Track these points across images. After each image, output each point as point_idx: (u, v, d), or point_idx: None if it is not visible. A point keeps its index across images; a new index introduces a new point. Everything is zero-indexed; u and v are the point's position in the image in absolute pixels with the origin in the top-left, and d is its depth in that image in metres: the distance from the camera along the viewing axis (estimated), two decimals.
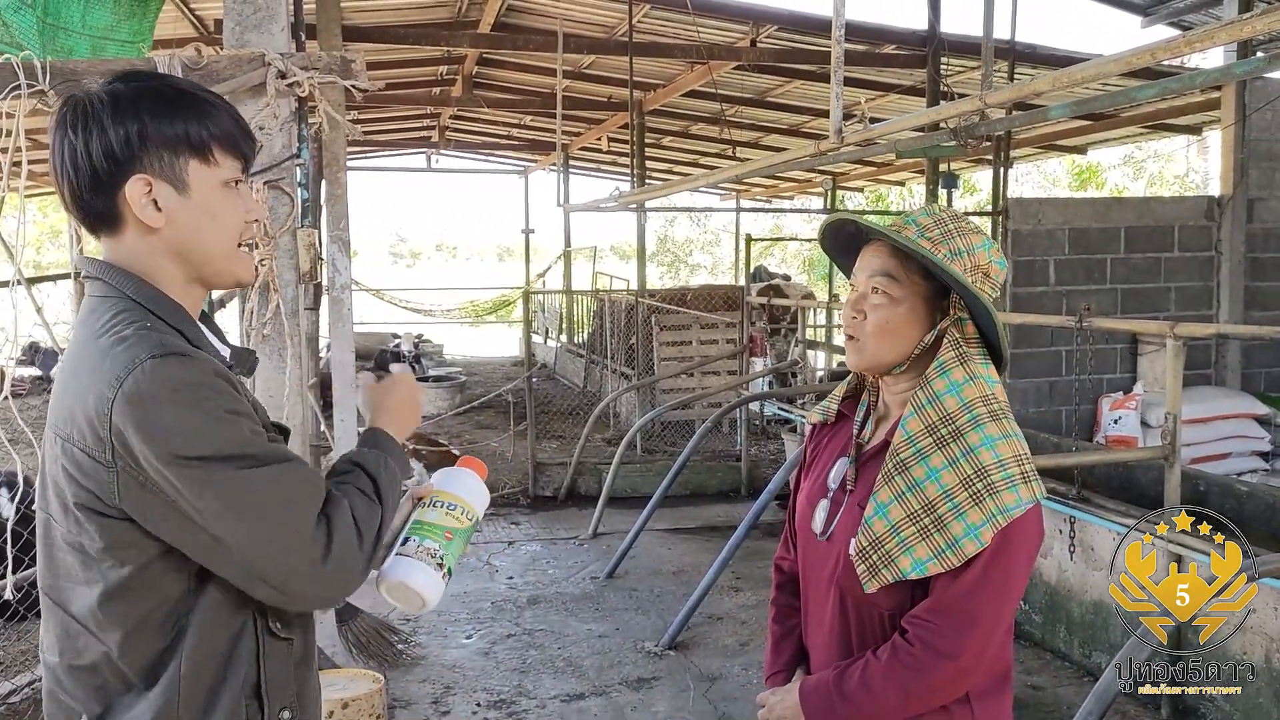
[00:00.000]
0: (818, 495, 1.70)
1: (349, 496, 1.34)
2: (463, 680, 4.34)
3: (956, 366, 1.54)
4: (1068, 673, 4.35)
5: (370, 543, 1.33)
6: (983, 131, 4.36)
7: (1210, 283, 7.58)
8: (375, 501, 1.36)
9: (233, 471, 1.23)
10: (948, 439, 1.51)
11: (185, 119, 1.33)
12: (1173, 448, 3.89)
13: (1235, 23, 2.27)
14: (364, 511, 1.33)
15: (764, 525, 6.06)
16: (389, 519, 1.40)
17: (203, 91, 1.39)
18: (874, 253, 1.61)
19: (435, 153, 17.27)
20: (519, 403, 8.75)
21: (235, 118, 1.39)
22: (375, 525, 1.35)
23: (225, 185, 1.37)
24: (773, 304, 8.81)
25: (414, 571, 1.44)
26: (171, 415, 1.22)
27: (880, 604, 1.57)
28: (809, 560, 1.71)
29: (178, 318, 1.34)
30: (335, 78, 3.01)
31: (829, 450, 1.74)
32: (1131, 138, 12.98)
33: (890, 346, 1.59)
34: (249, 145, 1.40)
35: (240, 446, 1.25)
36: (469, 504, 1.53)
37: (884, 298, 1.58)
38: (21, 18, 2.90)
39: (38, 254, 22.91)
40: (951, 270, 1.53)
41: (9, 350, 6.77)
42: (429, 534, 1.47)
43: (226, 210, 1.37)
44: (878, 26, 8.58)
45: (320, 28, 5.49)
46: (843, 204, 17.49)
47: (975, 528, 1.48)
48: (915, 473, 1.52)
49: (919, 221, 1.59)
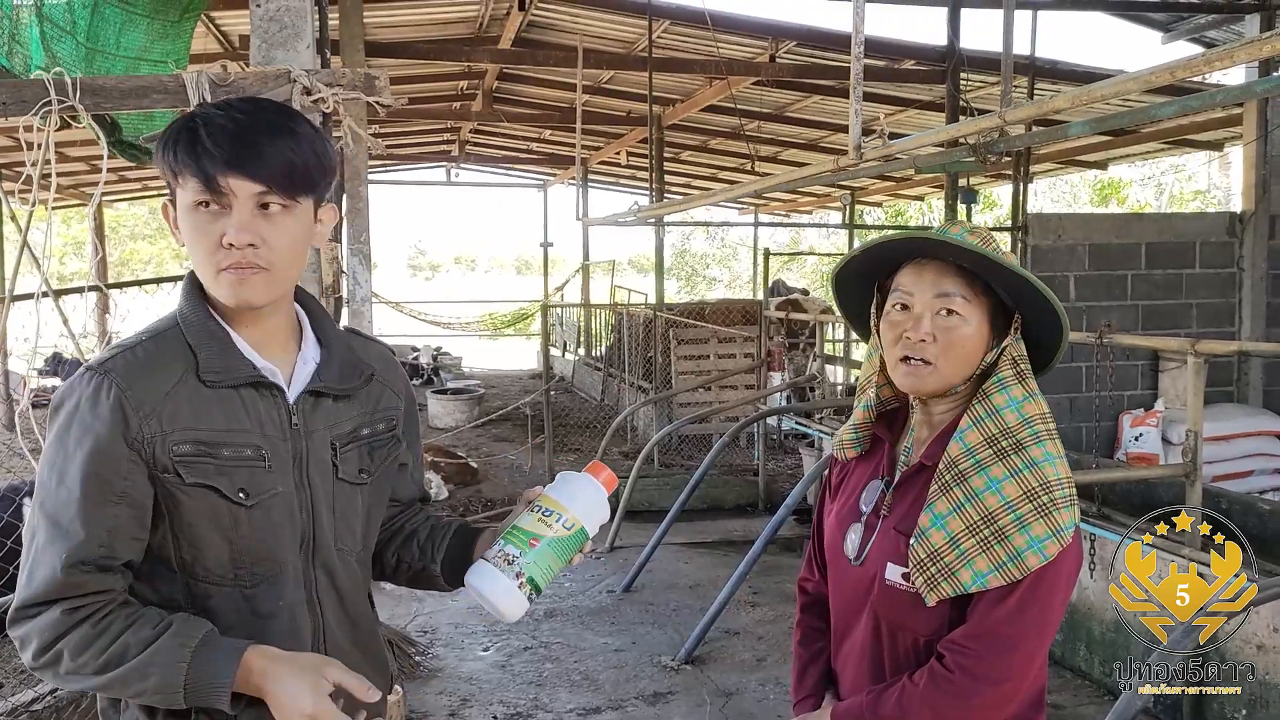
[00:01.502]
0: (849, 519, 1.66)
1: (103, 620, 1.30)
2: (479, 693, 4.34)
3: (1015, 383, 1.52)
4: (1088, 691, 4.31)
5: (55, 660, 1.29)
6: (1002, 148, 4.37)
7: (1232, 299, 7.53)
8: (109, 651, 1.29)
9: (42, 492, 1.34)
10: (1009, 451, 1.49)
11: (167, 145, 1.37)
12: (1194, 465, 3.87)
13: (1254, 42, 2.27)
14: (85, 641, 1.29)
15: (781, 540, 6.04)
16: (104, 680, 1.29)
17: (200, 116, 1.36)
18: (938, 272, 1.54)
19: (455, 166, 17.35)
20: (537, 415, 8.77)
21: (213, 138, 1.33)
22: (83, 660, 1.28)
23: (193, 207, 1.35)
24: (791, 318, 8.81)
25: (487, 578, 1.38)
26: (56, 419, 1.35)
27: (917, 629, 1.54)
28: (840, 585, 1.67)
29: (198, 334, 1.39)
30: (359, 94, 3.04)
31: (858, 473, 1.70)
32: (1153, 153, 12.91)
33: (963, 367, 1.55)
34: (213, 164, 1.32)
35: (50, 474, 1.33)
36: (571, 513, 1.41)
37: (956, 318, 1.53)
38: (63, 46, 2.96)
39: (61, 265, 23.18)
40: (1037, 283, 1.51)
41: (33, 360, 6.85)
42: (513, 540, 1.40)
43: (192, 232, 1.36)
44: (897, 42, 8.58)
45: (344, 44, 5.55)
46: (861, 219, 17.46)
47: (1039, 541, 1.45)
48: (974, 483, 1.49)
49: (968, 239, 1.54)
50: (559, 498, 1.43)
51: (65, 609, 1.28)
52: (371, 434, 1.53)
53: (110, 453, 1.31)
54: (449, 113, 13.09)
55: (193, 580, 1.38)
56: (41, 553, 1.30)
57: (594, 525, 1.44)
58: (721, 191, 9.50)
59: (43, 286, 3.19)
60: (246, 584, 1.39)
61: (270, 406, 1.41)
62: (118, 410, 1.31)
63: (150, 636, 1.29)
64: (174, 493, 1.34)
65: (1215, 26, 8.28)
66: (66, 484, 1.30)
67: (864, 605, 1.60)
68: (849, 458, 1.72)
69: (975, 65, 8.20)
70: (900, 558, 1.54)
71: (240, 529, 1.37)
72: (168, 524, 1.35)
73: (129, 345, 1.38)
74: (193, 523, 1.36)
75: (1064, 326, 1.55)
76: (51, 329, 3.30)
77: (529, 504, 1.46)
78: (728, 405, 8.48)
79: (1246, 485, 6.46)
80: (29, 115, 2.69)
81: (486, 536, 1.55)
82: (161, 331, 1.39)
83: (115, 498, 1.31)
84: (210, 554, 1.37)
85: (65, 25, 3.03)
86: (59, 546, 1.29)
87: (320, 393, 1.47)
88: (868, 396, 1.68)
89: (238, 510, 1.37)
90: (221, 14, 7.59)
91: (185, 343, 1.38)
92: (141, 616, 1.31)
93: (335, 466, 1.48)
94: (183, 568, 1.37)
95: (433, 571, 1.59)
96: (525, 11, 8.65)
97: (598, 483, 1.47)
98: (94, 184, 12.42)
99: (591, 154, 14.56)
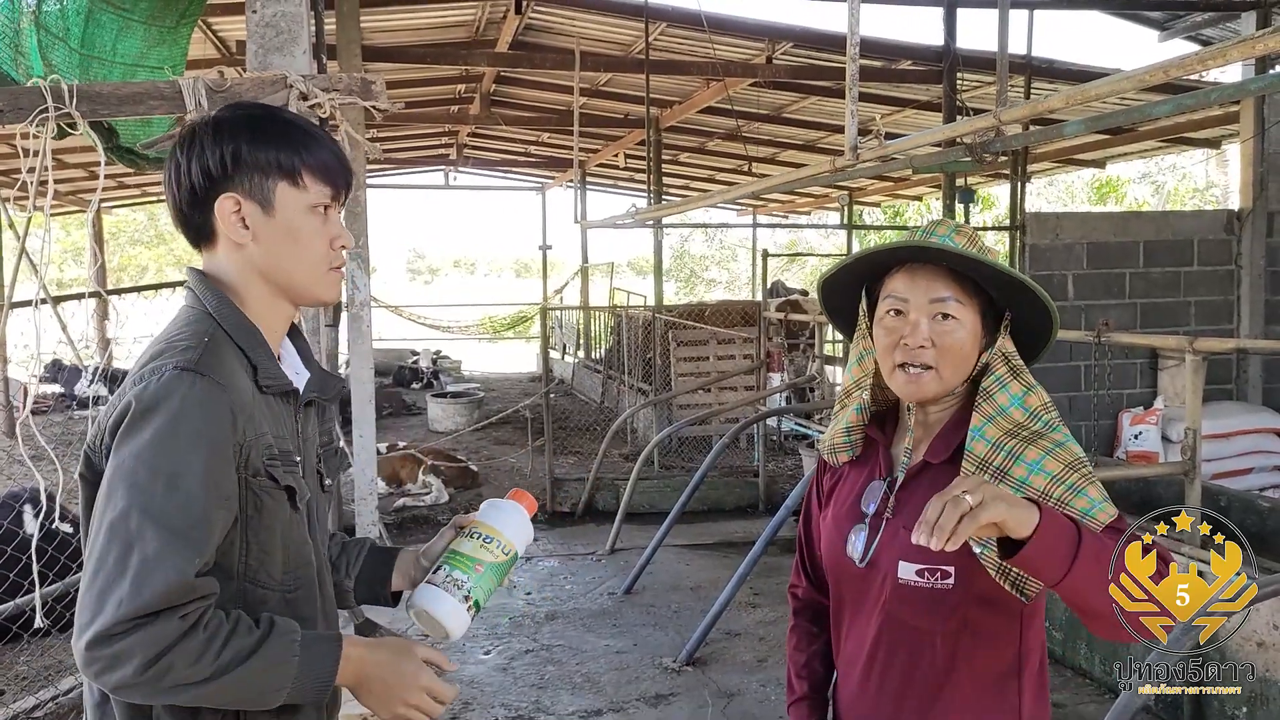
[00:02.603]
0: (849, 521, 1.63)
1: (215, 628, 1.25)
2: (481, 696, 4.35)
3: (1012, 380, 1.53)
4: (1088, 690, 4.32)
5: (164, 671, 1.22)
6: (998, 148, 4.37)
7: (1230, 297, 7.54)
8: (220, 654, 1.25)
9: (142, 496, 1.24)
10: (1034, 436, 1.48)
11: (279, 145, 1.40)
12: (1193, 463, 3.87)
13: (1248, 40, 2.28)
14: (200, 648, 1.23)
15: (782, 541, 6.03)
16: (213, 691, 1.25)
17: (304, 124, 1.47)
18: (931, 276, 1.53)
19: (453, 170, 17.39)
20: (536, 418, 8.77)
21: (335, 151, 1.45)
22: (192, 666, 1.23)
23: (312, 210, 1.43)
24: (790, 319, 8.81)
25: (437, 600, 1.44)
26: (150, 420, 1.27)
27: (933, 626, 1.52)
28: (845, 588, 1.65)
29: (246, 337, 1.40)
30: (356, 99, 3.05)
31: (852, 476, 1.68)
32: (1150, 151, 12.93)
33: (961, 370, 1.54)
34: (344, 177, 1.46)
35: (152, 478, 1.24)
36: (506, 538, 1.51)
37: (952, 321, 1.52)
38: (57, 53, 2.97)
39: (60, 271, 23.18)
40: (1030, 283, 1.51)
41: (32, 367, 6.85)
42: (459, 565, 1.46)
43: (310, 233, 1.43)
44: (893, 42, 8.59)
45: (340, 49, 5.56)
46: (860, 219, 17.47)
47: (1099, 501, 1.44)
48: (1016, 473, 1.45)
49: (954, 240, 1.55)
50: (495, 524, 1.52)
51: (179, 616, 1.22)
52: (326, 443, 1.60)
53: (224, 455, 1.29)
54: (447, 116, 13.10)
55: (251, 585, 1.36)
56: (157, 560, 1.21)
57: (523, 548, 1.55)
58: (719, 193, 9.50)
59: (40, 293, 3.20)
60: (290, 589, 1.41)
61: (289, 414, 1.46)
62: (227, 412, 1.30)
63: (259, 637, 1.27)
64: (261, 496, 1.35)
65: (1212, 24, 8.29)
66: (183, 488, 1.24)
67: (873, 607, 1.58)
68: (841, 462, 1.70)
69: (971, 65, 8.21)
70: (913, 555, 1.51)
71: (292, 533, 1.41)
72: (240, 529, 1.34)
73: (199, 345, 1.34)
74: (270, 526, 1.37)
75: (1053, 319, 1.55)
76: (51, 335, 3.30)
77: (462, 530, 1.53)
78: (727, 407, 8.48)
79: (1246, 483, 6.46)
80: (26, 123, 2.69)
81: (405, 557, 1.62)
82: (213, 333, 1.37)
83: (223, 502, 1.29)
84: (274, 559, 1.38)
85: (58, 32, 3.03)
86: (182, 553, 1.22)
87: (311, 402, 1.53)
88: (861, 399, 1.66)
89: (294, 515, 1.41)
90: (218, 20, 7.60)
91: (236, 345, 1.39)
92: (240, 619, 1.28)
93: (319, 474, 1.54)
94: (243, 573, 1.36)
95: (345, 587, 1.62)
96: (522, 15, 8.65)
97: (523, 509, 1.57)
98: (92, 190, 12.41)
99: (589, 156, 14.56)
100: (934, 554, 1.46)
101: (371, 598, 1.63)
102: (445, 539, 1.54)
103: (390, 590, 1.62)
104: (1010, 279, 1.52)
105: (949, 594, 1.50)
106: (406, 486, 7.85)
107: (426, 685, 1.37)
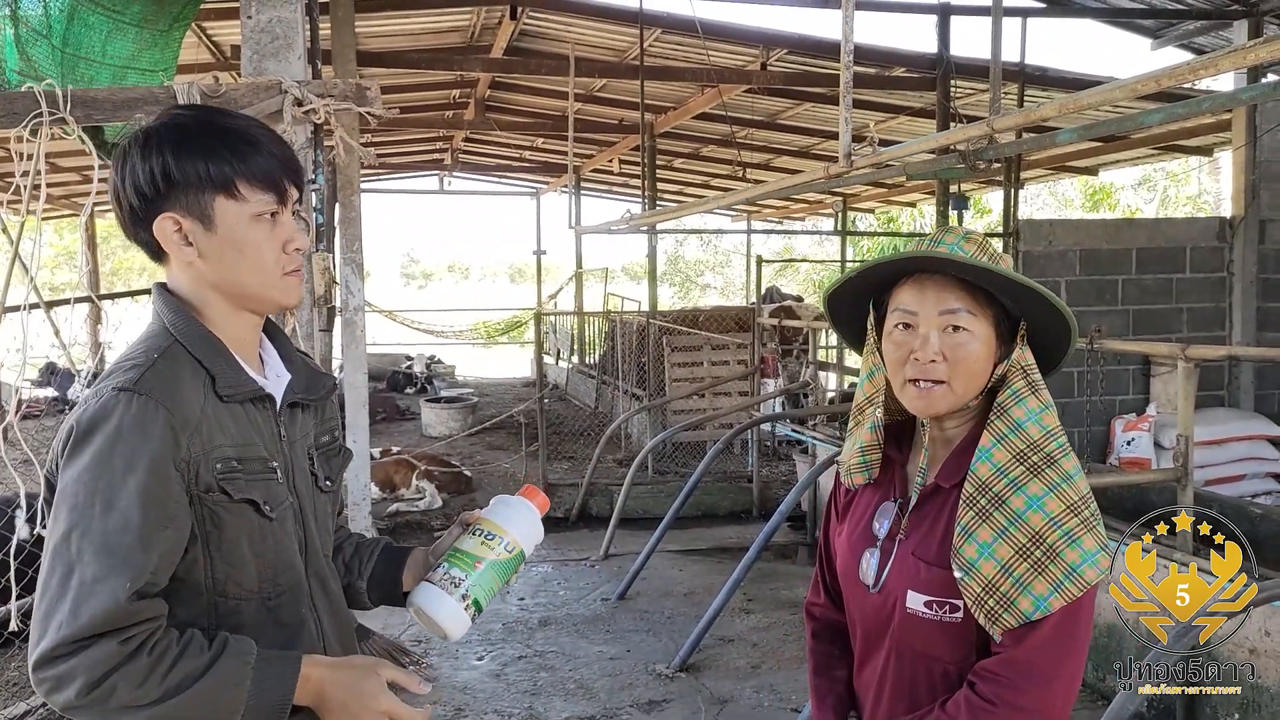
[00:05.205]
0: (862, 544, 1.59)
1: (160, 646, 1.24)
2: (474, 702, 4.34)
3: (1030, 395, 1.47)
4: (1081, 696, 4.31)
5: (109, 695, 1.21)
6: (992, 155, 4.39)
7: (1222, 304, 7.56)
8: (162, 672, 1.23)
9: (81, 520, 1.24)
10: (1041, 465, 1.43)
11: (208, 157, 1.34)
12: (1185, 469, 3.88)
13: (1239, 50, 2.29)
14: (143, 669, 1.22)
15: (775, 547, 6.06)
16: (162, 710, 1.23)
17: (239, 129, 1.39)
18: (940, 287, 1.47)
19: (448, 175, 17.40)
20: (531, 424, 8.77)
21: (276, 153, 1.39)
22: (137, 689, 1.21)
23: (256, 219, 1.38)
24: (784, 325, 8.82)
25: (433, 599, 1.41)
26: (89, 443, 1.26)
27: (942, 657, 1.48)
28: (859, 611, 1.61)
29: (203, 347, 1.37)
30: (350, 104, 3.05)
31: (867, 494, 1.63)
32: (1143, 159, 12.98)
33: (975, 383, 1.49)
34: (289, 178, 1.41)
35: (91, 500, 1.24)
36: (512, 536, 1.46)
37: (964, 334, 1.46)
38: (38, 50, 2.96)
39: (52, 275, 23.11)
40: (1043, 290, 1.46)
41: (23, 372, 6.82)
42: (458, 562, 1.43)
43: (257, 243, 1.38)
44: (887, 50, 8.62)
45: (335, 54, 5.56)
46: (854, 225, 17.50)
47: (1092, 554, 1.40)
48: (1015, 504, 1.41)
49: (963, 248, 1.50)
50: (499, 521, 1.47)
51: (120, 640, 1.21)
52: (328, 442, 1.57)
53: (163, 476, 1.27)
54: (441, 121, 13.10)
55: (221, 598, 1.35)
56: (94, 584, 1.21)
57: (531, 547, 1.50)
58: (714, 199, 9.53)
59: (31, 297, 3.19)
60: (270, 596, 1.39)
61: (266, 419, 1.43)
62: (168, 431, 1.27)
63: (209, 659, 1.26)
64: (217, 511, 1.33)
65: (1204, 33, 8.32)
66: (119, 510, 1.23)
67: (885, 632, 1.54)
68: (857, 484, 1.64)
69: (965, 72, 8.24)
70: (921, 584, 1.48)
71: (266, 542, 1.38)
72: (201, 545, 1.32)
73: (146, 363, 1.32)
74: (234, 539, 1.34)
75: (1071, 329, 1.50)
76: (43, 340, 3.29)
77: (468, 527, 1.50)
78: (722, 412, 8.49)
79: (1238, 489, 6.47)
80: (20, 128, 2.69)
81: (417, 556, 1.59)
82: (165, 347, 1.35)
83: (166, 522, 1.27)
84: (245, 570, 1.36)
85: (40, 29, 3.02)
86: (120, 576, 1.21)
87: (295, 404, 1.50)
88: (874, 417, 1.60)
89: (264, 523, 1.38)
90: (213, 24, 7.60)
91: (192, 357, 1.36)
92: (191, 639, 1.27)
93: (314, 475, 1.51)
94: (212, 587, 1.35)
95: (359, 588, 1.61)
96: (517, 21, 8.67)
97: (533, 506, 1.52)
98: (85, 194, 12.38)
99: (584, 162, 14.59)
100: (942, 586, 1.46)
101: (385, 598, 1.61)
102: (453, 536, 1.51)
103: (402, 591, 1.59)
104: (1022, 287, 1.46)
105: (958, 626, 1.47)
106: (400, 492, 7.84)
107: (387, 708, 1.32)
